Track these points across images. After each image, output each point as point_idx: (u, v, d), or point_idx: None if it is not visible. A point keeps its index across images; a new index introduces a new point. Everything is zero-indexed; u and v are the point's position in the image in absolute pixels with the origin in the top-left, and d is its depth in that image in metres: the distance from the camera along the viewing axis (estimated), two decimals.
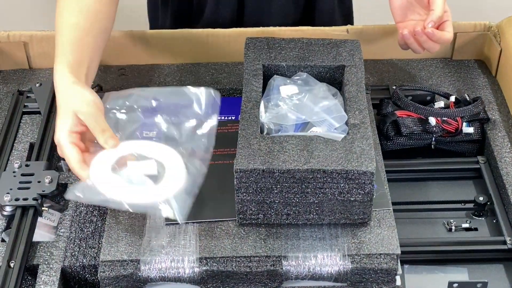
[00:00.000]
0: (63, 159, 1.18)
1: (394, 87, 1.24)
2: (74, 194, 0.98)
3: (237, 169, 0.96)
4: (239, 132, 1.00)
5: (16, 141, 1.19)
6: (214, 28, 1.34)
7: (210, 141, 1.05)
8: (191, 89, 1.09)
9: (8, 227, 1.05)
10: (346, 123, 1.03)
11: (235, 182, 0.97)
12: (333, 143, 0.98)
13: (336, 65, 1.12)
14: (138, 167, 1.00)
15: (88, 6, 1.11)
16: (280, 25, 1.33)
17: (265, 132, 1.03)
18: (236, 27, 1.35)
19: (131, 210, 0.97)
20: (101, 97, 1.07)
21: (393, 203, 1.03)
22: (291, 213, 0.99)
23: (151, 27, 1.55)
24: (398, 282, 0.98)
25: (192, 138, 1.06)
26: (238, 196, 0.98)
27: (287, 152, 0.97)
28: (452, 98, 1.21)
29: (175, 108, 1.09)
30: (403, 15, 1.24)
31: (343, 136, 1.00)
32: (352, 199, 0.98)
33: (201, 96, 1.09)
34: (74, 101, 1.03)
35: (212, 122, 1.07)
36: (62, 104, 1.03)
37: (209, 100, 1.09)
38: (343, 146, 0.98)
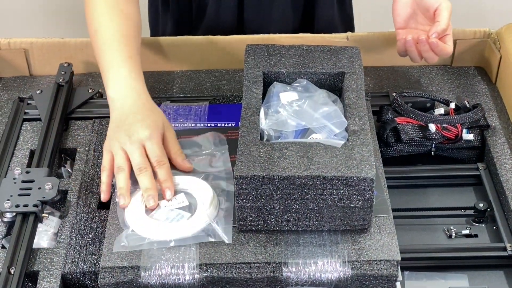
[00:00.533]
0: (64, 166, 1.18)
1: (394, 94, 1.24)
2: (119, 245, 0.99)
3: (237, 175, 0.96)
4: (239, 138, 1.01)
5: (16, 148, 1.19)
6: (214, 34, 1.34)
7: (227, 164, 1.08)
8: (198, 137, 1.14)
9: (8, 233, 1.05)
10: (346, 130, 1.03)
11: (235, 189, 0.97)
12: (333, 149, 0.98)
13: (336, 71, 1.12)
14: (170, 204, 1.03)
15: (136, 22, 1.19)
16: (280, 32, 1.34)
17: (265, 138, 1.03)
18: (236, 33, 1.35)
19: (178, 245, 0.99)
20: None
21: (393, 210, 1.03)
22: (291, 219, 0.99)
23: (152, 34, 1.56)
24: None
25: (208, 168, 1.09)
26: (238, 203, 0.98)
27: (287, 158, 0.97)
28: (452, 105, 1.21)
29: (187, 153, 1.11)
30: (404, 22, 1.25)
31: (343, 142, 1.00)
32: (352, 205, 0.98)
33: (207, 138, 1.13)
34: (163, 118, 1.11)
35: (224, 149, 1.11)
36: (148, 114, 1.09)
37: (216, 139, 1.13)
38: (343, 153, 0.98)
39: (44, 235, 1.07)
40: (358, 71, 1.12)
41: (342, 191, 0.96)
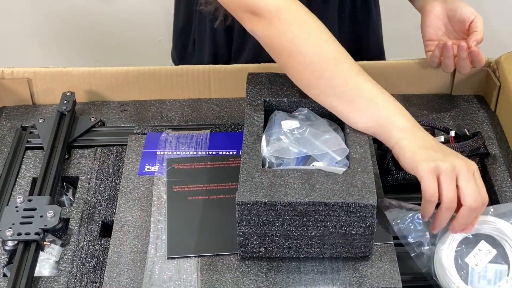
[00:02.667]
0: (65, 194, 1.19)
1: None
2: None
3: (239, 202, 0.96)
4: (241, 166, 1.01)
5: (19, 176, 1.20)
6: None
7: None
8: None
9: (10, 261, 1.05)
10: (347, 158, 1.04)
11: (236, 215, 0.97)
12: (335, 176, 0.99)
13: None
14: (479, 259, 0.99)
15: None
16: None
17: (267, 166, 1.04)
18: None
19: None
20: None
21: (394, 237, 1.03)
22: (293, 246, 0.99)
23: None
24: None
25: None
26: (240, 229, 0.98)
27: (288, 185, 0.97)
28: (452, 133, 1.21)
29: None
30: (434, 34, 1.28)
31: (344, 169, 1.00)
32: (353, 232, 0.98)
33: None
34: None
35: None
36: None
37: None
38: (344, 180, 0.98)
39: (46, 264, 1.07)
40: None
41: (343, 218, 0.96)
